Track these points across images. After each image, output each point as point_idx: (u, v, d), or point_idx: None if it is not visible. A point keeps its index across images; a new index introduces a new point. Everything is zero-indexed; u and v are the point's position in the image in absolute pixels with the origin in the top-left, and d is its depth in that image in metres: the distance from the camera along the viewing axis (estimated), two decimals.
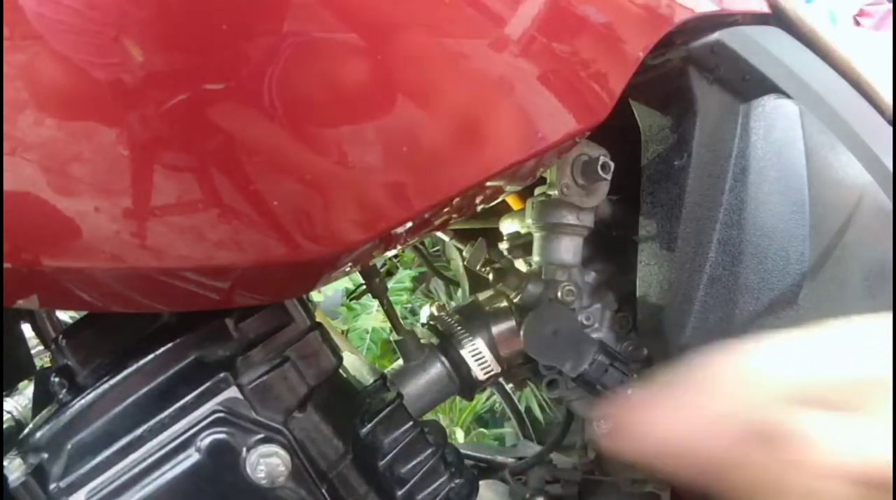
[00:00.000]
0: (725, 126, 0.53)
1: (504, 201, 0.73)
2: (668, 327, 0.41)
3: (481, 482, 0.53)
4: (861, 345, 0.31)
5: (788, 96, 0.53)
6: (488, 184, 0.37)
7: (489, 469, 0.81)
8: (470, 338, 0.56)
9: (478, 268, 0.67)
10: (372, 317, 1.98)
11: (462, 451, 0.58)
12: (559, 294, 0.56)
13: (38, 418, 0.42)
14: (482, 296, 0.61)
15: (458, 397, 0.61)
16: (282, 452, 0.39)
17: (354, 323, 1.99)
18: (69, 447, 0.39)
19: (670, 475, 0.32)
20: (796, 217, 0.51)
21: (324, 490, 0.41)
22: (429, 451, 0.48)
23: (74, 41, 0.27)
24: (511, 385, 0.92)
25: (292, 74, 0.29)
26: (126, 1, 0.27)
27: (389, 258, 2.10)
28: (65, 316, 0.70)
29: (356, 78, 0.30)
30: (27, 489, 0.38)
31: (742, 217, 0.51)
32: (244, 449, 0.38)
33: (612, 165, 0.53)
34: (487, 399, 1.78)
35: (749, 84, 0.53)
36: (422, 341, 0.57)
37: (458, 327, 0.57)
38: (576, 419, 0.72)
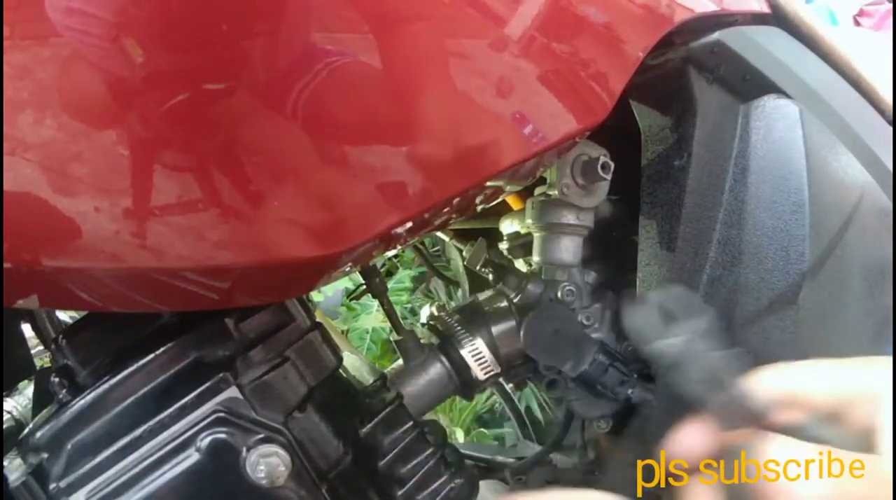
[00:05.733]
0: (725, 126, 0.53)
1: (504, 201, 0.73)
2: None
3: (481, 482, 0.53)
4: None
5: (788, 96, 0.53)
6: (488, 184, 0.37)
7: (489, 469, 0.81)
8: (470, 338, 0.56)
9: (478, 268, 0.67)
10: (372, 317, 1.98)
11: (462, 451, 0.58)
12: (559, 294, 0.56)
13: (38, 418, 0.42)
14: (482, 296, 0.61)
15: (458, 397, 0.61)
16: (282, 452, 0.39)
17: (354, 323, 2.00)
18: (69, 447, 0.39)
19: None
20: (796, 217, 0.51)
21: (324, 490, 0.41)
22: (429, 451, 0.48)
23: (74, 41, 0.27)
24: (511, 385, 0.92)
25: (292, 74, 0.29)
26: (126, 1, 0.27)
27: (389, 258, 2.10)
28: (65, 316, 0.70)
29: (356, 78, 0.30)
30: (27, 489, 0.38)
31: (742, 217, 0.51)
32: (244, 449, 0.38)
33: (612, 165, 0.53)
34: (487, 399, 1.78)
35: (749, 84, 0.53)
36: (422, 341, 0.57)
37: (458, 327, 0.57)
38: (576, 418, 0.72)
